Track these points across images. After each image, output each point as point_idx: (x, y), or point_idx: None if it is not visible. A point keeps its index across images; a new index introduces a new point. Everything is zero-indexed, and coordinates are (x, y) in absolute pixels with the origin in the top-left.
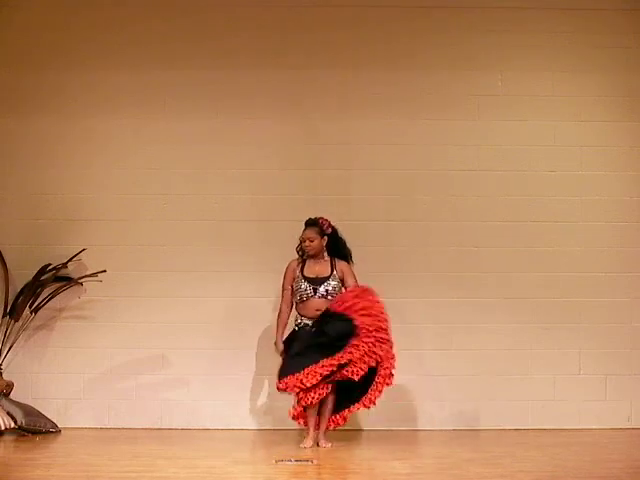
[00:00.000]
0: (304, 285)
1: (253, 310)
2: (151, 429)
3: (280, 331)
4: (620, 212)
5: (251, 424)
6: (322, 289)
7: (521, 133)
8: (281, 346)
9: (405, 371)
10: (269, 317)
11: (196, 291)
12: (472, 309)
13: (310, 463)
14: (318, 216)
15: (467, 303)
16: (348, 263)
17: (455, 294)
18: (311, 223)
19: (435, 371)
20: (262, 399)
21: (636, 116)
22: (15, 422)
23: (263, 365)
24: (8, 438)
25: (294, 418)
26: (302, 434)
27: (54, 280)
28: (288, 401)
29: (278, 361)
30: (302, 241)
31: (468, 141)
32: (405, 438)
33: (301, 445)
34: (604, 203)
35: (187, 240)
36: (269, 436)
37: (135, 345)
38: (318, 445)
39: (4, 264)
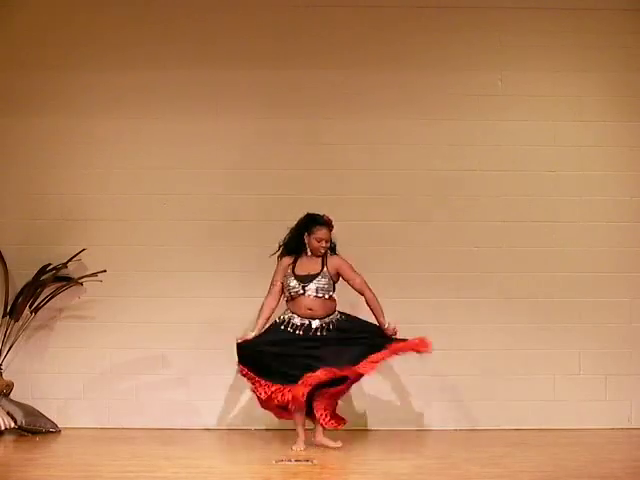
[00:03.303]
0: (293, 283)
1: (253, 310)
2: (151, 429)
3: (261, 324)
4: (620, 212)
5: (251, 424)
6: (312, 286)
7: (521, 133)
8: (250, 337)
9: (405, 371)
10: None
11: (196, 291)
12: (472, 309)
13: (310, 463)
14: (321, 213)
15: (467, 303)
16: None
17: (455, 294)
18: (328, 223)
19: (435, 371)
20: None
21: (636, 116)
22: (15, 422)
23: None
24: (8, 438)
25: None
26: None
27: (54, 280)
28: None
29: None
30: (317, 240)
31: (468, 141)
32: (405, 438)
33: (293, 447)
34: (604, 203)
35: (187, 240)
36: (269, 436)
37: (135, 345)
38: (324, 445)
39: (4, 264)
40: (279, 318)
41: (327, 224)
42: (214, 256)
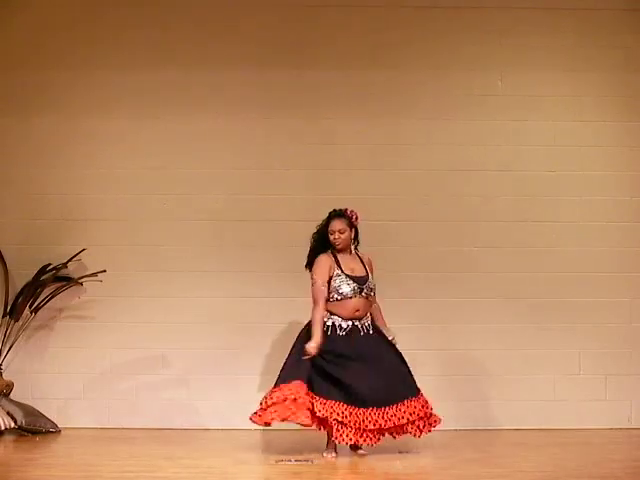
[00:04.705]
0: (352, 284)
1: (253, 310)
2: (151, 429)
3: (321, 330)
4: (620, 212)
5: (251, 424)
6: (367, 289)
7: (521, 133)
8: (315, 351)
9: None
10: (269, 317)
11: (196, 291)
12: (472, 309)
13: (310, 463)
14: (344, 207)
15: (467, 303)
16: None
17: (455, 294)
18: (339, 214)
19: (435, 371)
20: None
21: (636, 116)
22: (15, 422)
23: (263, 365)
24: (8, 438)
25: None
26: (301, 434)
27: (54, 280)
28: None
29: (278, 360)
30: (330, 233)
31: (468, 141)
32: (405, 438)
33: (325, 454)
34: (604, 203)
35: (187, 240)
36: (269, 436)
37: (135, 345)
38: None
39: (4, 264)
40: (330, 328)
41: (336, 216)
42: (214, 256)
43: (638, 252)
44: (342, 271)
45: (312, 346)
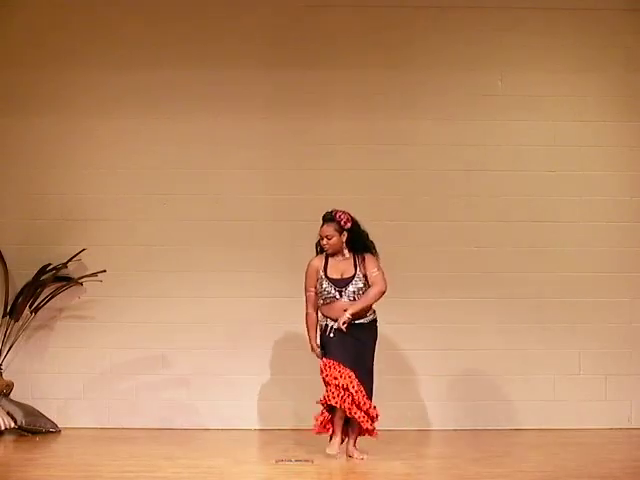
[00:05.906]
0: (329, 288)
1: (253, 310)
2: (151, 429)
3: (313, 334)
4: (620, 212)
5: (251, 424)
6: (348, 292)
7: (521, 133)
8: (318, 350)
9: (405, 371)
10: (269, 317)
11: (196, 291)
12: (472, 309)
13: (310, 463)
14: (336, 209)
15: (467, 303)
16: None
17: (455, 294)
18: (328, 218)
19: (435, 371)
20: (262, 399)
21: (636, 116)
22: (15, 422)
23: (263, 365)
24: (8, 438)
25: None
26: (301, 434)
27: (54, 280)
28: (287, 400)
29: (278, 360)
30: (320, 238)
31: (468, 141)
32: (405, 438)
33: (327, 451)
34: (604, 203)
35: (187, 240)
36: (269, 436)
37: (135, 345)
38: (350, 456)
39: (4, 264)
40: (322, 329)
41: (325, 219)
42: (214, 256)
43: (638, 252)
44: (326, 275)
45: (317, 351)
